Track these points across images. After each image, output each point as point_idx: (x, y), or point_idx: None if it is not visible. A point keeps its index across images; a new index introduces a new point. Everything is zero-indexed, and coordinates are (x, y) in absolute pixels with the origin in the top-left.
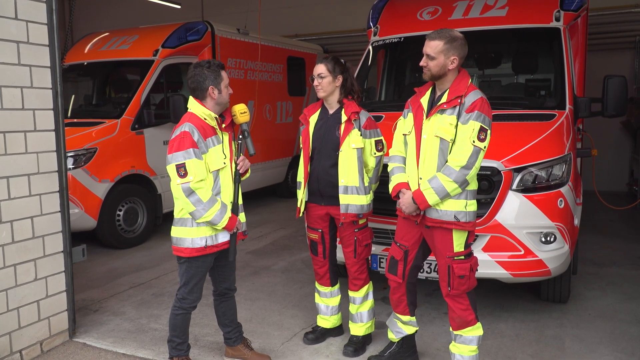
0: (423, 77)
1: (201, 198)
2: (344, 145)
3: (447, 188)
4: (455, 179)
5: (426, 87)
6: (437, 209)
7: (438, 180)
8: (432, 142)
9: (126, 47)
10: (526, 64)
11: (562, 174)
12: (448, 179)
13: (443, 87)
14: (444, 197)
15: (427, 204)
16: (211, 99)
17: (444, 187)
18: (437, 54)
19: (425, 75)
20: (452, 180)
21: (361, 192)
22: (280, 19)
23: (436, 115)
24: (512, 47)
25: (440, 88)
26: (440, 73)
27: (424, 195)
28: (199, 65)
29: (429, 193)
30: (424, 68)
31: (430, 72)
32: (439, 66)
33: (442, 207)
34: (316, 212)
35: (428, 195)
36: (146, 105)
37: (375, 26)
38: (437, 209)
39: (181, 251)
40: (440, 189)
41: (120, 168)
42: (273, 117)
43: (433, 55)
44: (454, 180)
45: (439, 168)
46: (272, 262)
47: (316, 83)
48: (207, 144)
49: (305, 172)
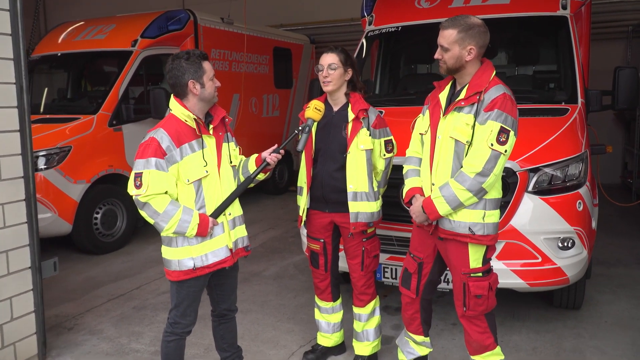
0: (439, 70)
1: (156, 209)
2: (351, 147)
3: (460, 197)
4: (469, 187)
5: (446, 81)
6: (450, 220)
7: (450, 188)
8: (447, 144)
9: (102, 37)
10: (531, 54)
11: (579, 174)
12: (461, 187)
13: (463, 82)
14: (456, 207)
15: (438, 214)
16: (193, 95)
17: (456, 196)
18: (451, 44)
19: (441, 69)
20: (465, 189)
21: (371, 198)
22: (264, 9)
23: (453, 113)
24: (516, 37)
25: (460, 82)
26: (457, 65)
27: (434, 204)
28: (176, 57)
29: (440, 202)
30: (439, 61)
31: (446, 65)
32: (454, 58)
33: (455, 217)
34: (319, 221)
35: (438, 204)
36: (125, 99)
37: (370, 15)
38: (450, 220)
39: (169, 274)
40: (451, 198)
41: (97, 168)
42: (259, 110)
43: (447, 46)
44: (468, 188)
45: (453, 174)
46: (263, 268)
47: (325, 74)
48: (181, 152)
49: (308, 176)
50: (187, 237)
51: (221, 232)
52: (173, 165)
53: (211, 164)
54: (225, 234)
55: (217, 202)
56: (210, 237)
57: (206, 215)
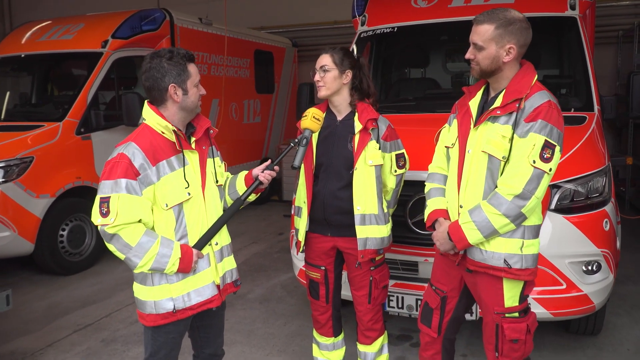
0: (471, 73)
1: (128, 242)
2: (359, 162)
3: (495, 224)
4: (505, 211)
5: (478, 86)
6: (482, 249)
7: (482, 212)
8: (478, 160)
9: (70, 37)
10: (538, 58)
11: (604, 190)
12: (496, 212)
13: (498, 86)
14: (489, 235)
15: (467, 242)
16: (173, 103)
17: (489, 221)
18: (487, 42)
19: (474, 72)
20: (501, 214)
21: (381, 221)
22: (243, 10)
23: (486, 123)
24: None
25: (495, 87)
26: (493, 67)
27: (463, 230)
28: (156, 55)
29: (470, 228)
30: (471, 62)
31: (479, 66)
32: (489, 58)
33: (488, 247)
34: (320, 245)
35: (468, 231)
36: (94, 105)
37: (362, 15)
38: (482, 249)
39: (143, 318)
40: (484, 225)
41: (63, 180)
42: (240, 116)
43: (481, 44)
44: (504, 213)
45: (485, 195)
46: (247, 289)
47: (317, 78)
48: (158, 171)
49: (308, 195)
50: (165, 274)
51: (207, 266)
52: (148, 187)
53: (194, 185)
54: (212, 268)
55: (202, 230)
56: (193, 272)
57: (189, 246)
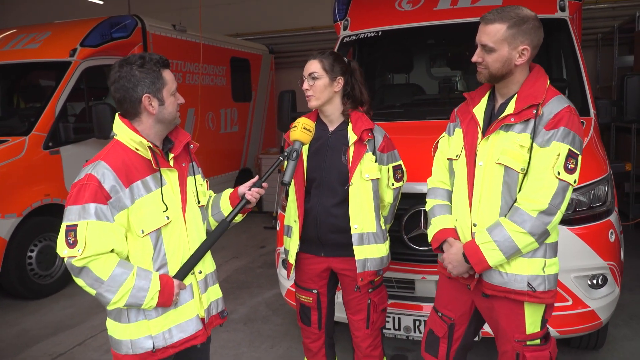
0: (477, 78)
1: (99, 275)
2: (355, 176)
3: (519, 243)
4: (531, 229)
5: (481, 91)
6: (502, 272)
7: (504, 231)
8: (493, 172)
9: (35, 46)
10: None
11: (607, 199)
12: (519, 230)
13: (507, 92)
14: (512, 256)
15: (487, 264)
16: (148, 115)
17: (513, 241)
18: (498, 43)
19: (481, 76)
20: (525, 232)
21: (379, 239)
22: (218, 17)
23: (498, 132)
24: None
25: (503, 93)
26: (504, 71)
27: (482, 251)
28: (126, 62)
29: (490, 249)
30: (478, 65)
31: (488, 70)
32: (501, 61)
33: (509, 268)
34: (312, 267)
35: (488, 252)
36: (62, 117)
37: (345, 19)
38: (502, 272)
39: (118, 359)
40: (507, 244)
41: (30, 198)
42: (216, 126)
43: (492, 45)
44: (529, 231)
45: (502, 211)
46: (230, 309)
47: (306, 87)
48: (132, 193)
49: (299, 212)
50: (143, 309)
51: (190, 298)
52: (121, 212)
53: (173, 207)
54: (195, 299)
55: (183, 257)
56: (175, 306)
57: (169, 277)
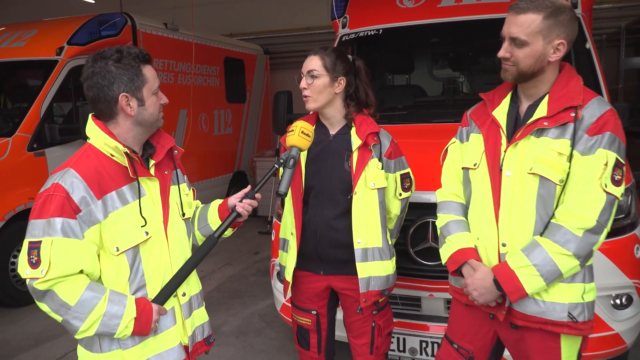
0: (502, 76)
1: (65, 300)
2: (359, 185)
3: (562, 267)
4: (576, 250)
5: (501, 92)
6: (538, 300)
7: (545, 253)
8: (525, 184)
9: (21, 44)
10: None
11: (631, 210)
12: (563, 252)
13: (536, 93)
14: (552, 282)
15: (524, 292)
16: (126, 117)
17: (555, 264)
18: (532, 35)
19: (507, 74)
20: (570, 254)
21: (385, 255)
22: (212, 17)
23: (529, 138)
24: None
25: (530, 94)
26: (535, 69)
27: (519, 277)
28: (100, 56)
29: (528, 274)
30: (504, 62)
31: (517, 67)
32: (533, 57)
33: (546, 296)
34: (311, 286)
35: (526, 277)
36: (48, 118)
37: (343, 16)
38: (538, 300)
39: None
40: (549, 269)
41: (13, 202)
42: (210, 128)
43: (524, 38)
44: (575, 253)
45: (536, 228)
46: (221, 321)
47: (303, 85)
48: (105, 205)
49: (296, 225)
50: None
51: (171, 325)
52: (92, 227)
53: (154, 221)
54: (178, 325)
55: (165, 278)
56: (154, 333)
57: (147, 301)
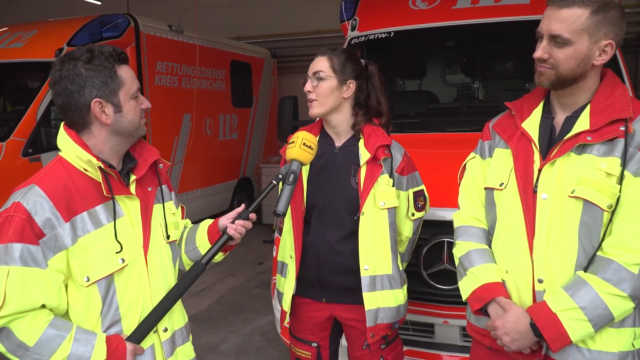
0: (536, 81)
1: (22, 340)
2: (367, 204)
3: (614, 310)
4: (633, 291)
5: (530, 101)
6: (582, 348)
7: (594, 293)
8: (565, 209)
9: (20, 45)
10: None
11: None
12: (616, 292)
13: (574, 102)
14: (602, 327)
15: (568, 339)
16: (101, 126)
17: (607, 307)
18: (577, 33)
19: (543, 78)
20: (626, 295)
21: (396, 283)
22: (219, 20)
23: (569, 155)
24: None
25: (567, 103)
26: (577, 73)
27: (562, 322)
28: (69, 58)
29: (574, 319)
30: (540, 65)
31: (557, 70)
32: (577, 58)
33: (592, 344)
34: (312, 315)
35: (572, 322)
36: (45, 121)
37: (353, 18)
38: (582, 348)
39: None
40: (599, 312)
41: None
42: (214, 133)
43: (568, 36)
44: (631, 293)
45: (579, 262)
46: (220, 338)
47: (308, 87)
48: (74, 228)
49: (296, 247)
50: None
51: None
52: (58, 253)
53: (131, 246)
54: None
55: (143, 311)
56: None
57: (121, 339)
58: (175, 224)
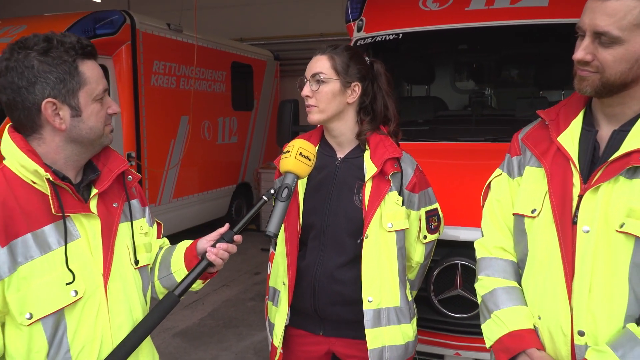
0: (576, 87)
1: None
2: (372, 226)
3: None
4: None
5: (568, 110)
6: None
7: None
8: (613, 246)
9: (7, 40)
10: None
11: None
12: None
13: (623, 113)
14: None
15: None
16: (54, 131)
17: None
18: (628, 30)
19: (585, 84)
20: None
21: (405, 317)
22: (221, 20)
23: (617, 179)
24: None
25: (614, 114)
26: (627, 78)
27: None
28: (21, 46)
29: None
30: (582, 68)
31: (602, 74)
32: (628, 60)
33: None
34: (307, 349)
35: None
36: None
37: (359, 18)
38: None
39: None
40: None
41: None
42: (213, 136)
43: (616, 33)
44: None
45: (630, 311)
46: (212, 355)
47: (307, 92)
48: (12, 254)
49: (289, 273)
50: None
51: None
52: None
53: (87, 276)
54: None
55: (101, 353)
56: None
57: None
58: (147, 246)
